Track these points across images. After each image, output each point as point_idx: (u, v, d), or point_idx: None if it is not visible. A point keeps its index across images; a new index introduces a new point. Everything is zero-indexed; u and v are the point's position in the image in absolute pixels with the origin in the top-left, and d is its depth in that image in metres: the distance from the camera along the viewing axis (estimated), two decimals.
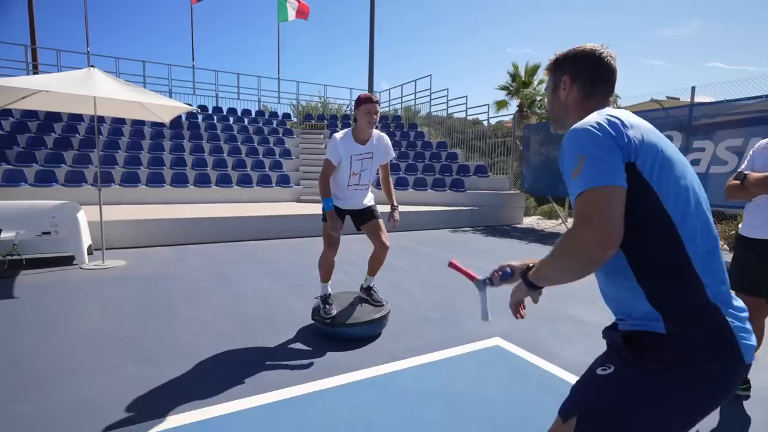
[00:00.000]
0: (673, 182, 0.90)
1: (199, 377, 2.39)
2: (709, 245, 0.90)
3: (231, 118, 13.56)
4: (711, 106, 7.75)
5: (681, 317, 0.87)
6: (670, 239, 0.88)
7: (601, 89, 1.08)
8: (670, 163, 0.91)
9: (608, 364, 0.94)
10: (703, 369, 0.85)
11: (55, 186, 8.19)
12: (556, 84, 1.14)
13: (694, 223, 0.89)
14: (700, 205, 0.92)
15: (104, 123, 10.79)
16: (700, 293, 0.87)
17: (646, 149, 0.90)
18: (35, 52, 14.53)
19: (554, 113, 1.18)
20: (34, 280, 4.34)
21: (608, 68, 1.08)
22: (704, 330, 0.86)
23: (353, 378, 2.41)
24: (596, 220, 0.83)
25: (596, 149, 0.88)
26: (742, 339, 0.86)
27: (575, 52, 1.10)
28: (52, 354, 2.63)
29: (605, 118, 0.92)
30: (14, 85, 4.02)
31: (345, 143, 2.90)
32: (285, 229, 7.31)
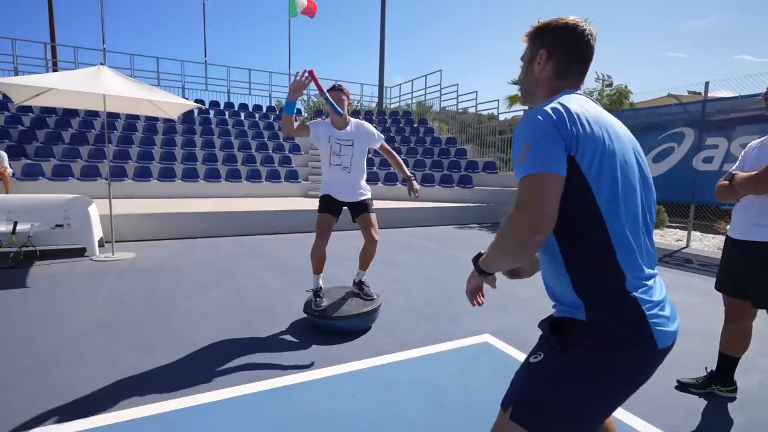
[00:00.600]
0: (611, 177, 0.92)
1: (192, 367, 2.48)
2: (638, 240, 0.95)
3: (242, 114, 13.75)
4: (726, 102, 7.55)
5: (601, 306, 0.92)
6: (597, 232, 0.92)
7: (574, 70, 1.05)
8: (612, 158, 0.93)
9: (539, 352, 1.00)
10: (620, 356, 0.90)
11: (71, 180, 8.45)
12: (532, 55, 1.09)
13: (625, 219, 0.93)
14: (634, 203, 0.95)
15: (119, 119, 11.05)
16: (620, 284, 0.92)
17: (588, 142, 0.91)
18: (54, 50, 14.94)
19: (526, 86, 1.14)
20: (46, 270, 4.52)
21: (586, 48, 1.04)
22: (621, 319, 0.91)
23: (340, 370, 2.47)
24: (530, 206, 0.87)
25: (540, 137, 0.90)
26: (656, 326, 0.90)
27: (557, 24, 1.05)
28: (56, 341, 2.76)
29: (555, 107, 0.94)
30: (25, 83, 4.18)
31: (324, 125, 3.11)
32: (292, 224, 7.41)
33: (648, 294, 0.93)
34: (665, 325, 0.92)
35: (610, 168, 0.92)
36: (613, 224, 0.91)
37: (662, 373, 2.48)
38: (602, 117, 0.97)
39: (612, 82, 17.70)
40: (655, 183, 5.01)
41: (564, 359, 0.93)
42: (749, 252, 2.03)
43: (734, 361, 2.23)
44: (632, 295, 0.91)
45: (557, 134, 0.90)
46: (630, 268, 0.92)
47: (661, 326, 0.91)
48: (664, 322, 0.92)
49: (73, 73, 4.90)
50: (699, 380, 2.33)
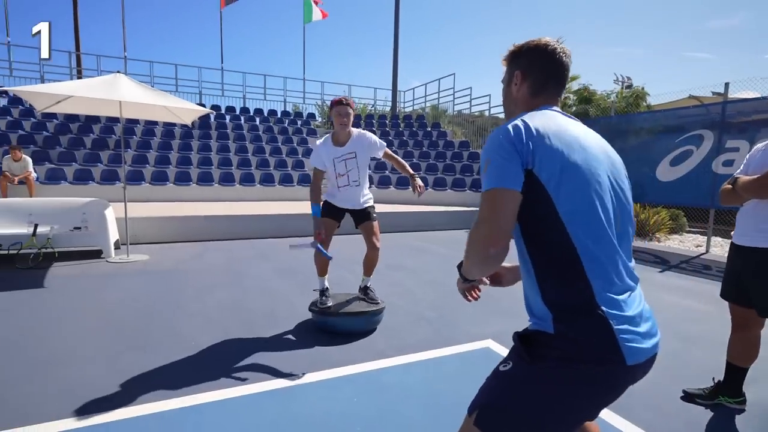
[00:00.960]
0: (572, 188, 0.91)
1: (193, 366, 2.53)
2: (606, 251, 0.92)
3: (257, 119, 13.98)
4: (748, 103, 7.31)
5: (568, 318, 0.91)
6: (561, 242, 0.91)
7: (549, 88, 1.09)
8: (575, 170, 0.92)
9: (509, 361, 0.99)
10: (586, 370, 0.88)
11: (92, 184, 8.73)
12: (509, 78, 1.14)
13: (591, 229, 0.91)
14: (601, 213, 0.93)
15: (138, 124, 11.38)
16: (587, 296, 0.90)
17: (547, 156, 0.92)
18: (79, 58, 15.51)
19: (506, 107, 1.19)
20: (63, 271, 4.68)
21: (559, 66, 1.08)
22: (587, 332, 0.89)
23: (338, 373, 2.48)
24: (486, 221, 0.90)
25: (498, 154, 0.94)
26: (625, 342, 0.88)
27: (529, 47, 1.10)
28: (66, 340, 2.85)
29: (515, 124, 0.96)
30: (46, 91, 4.35)
31: (325, 148, 3.06)
32: (302, 227, 7.48)
33: (618, 308, 0.90)
34: (637, 342, 0.89)
35: (572, 179, 0.92)
36: (577, 234, 0.90)
37: (668, 383, 2.44)
38: (567, 131, 0.98)
39: (632, 84, 17.37)
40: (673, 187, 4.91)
41: (531, 369, 0.93)
42: (752, 258, 1.96)
43: (742, 372, 2.16)
44: (600, 308, 0.89)
45: (514, 151, 0.92)
46: (597, 278, 0.90)
47: (632, 342, 0.88)
48: (636, 338, 0.89)
49: (91, 81, 5.07)
50: (706, 391, 2.25)
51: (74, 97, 4.95)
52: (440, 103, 16.74)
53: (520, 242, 1.00)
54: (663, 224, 8.31)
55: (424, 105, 17.31)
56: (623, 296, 0.92)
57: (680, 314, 3.71)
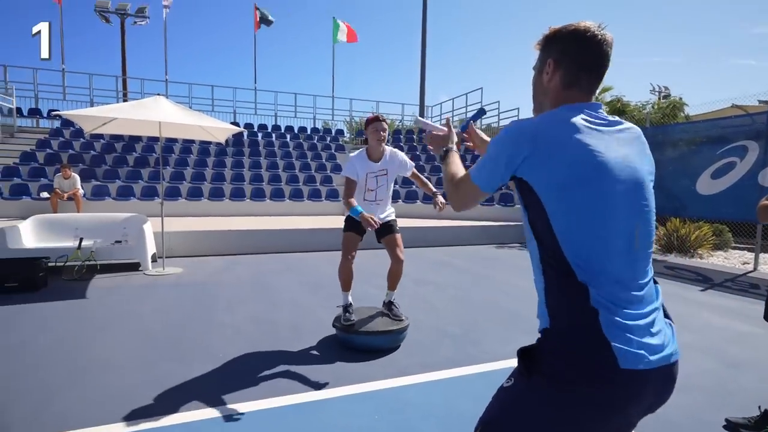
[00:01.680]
0: (573, 207, 0.88)
1: (220, 378, 2.59)
2: (609, 266, 0.89)
3: (288, 136, 14.40)
4: None
5: (562, 319, 0.89)
6: (556, 255, 0.91)
7: (582, 80, 0.99)
8: (580, 188, 0.88)
9: (511, 377, 0.97)
10: (581, 388, 0.84)
11: (133, 200, 9.21)
12: (541, 66, 1.05)
13: (589, 248, 0.88)
14: (601, 232, 0.89)
15: (176, 143, 11.96)
16: (582, 298, 0.87)
17: (548, 170, 0.89)
18: (125, 82, 16.57)
19: (536, 97, 1.09)
20: (104, 283, 4.93)
21: (597, 55, 0.98)
22: (578, 333, 0.86)
23: (360, 389, 2.48)
24: (456, 195, 1.11)
25: (492, 151, 0.99)
26: (617, 344, 0.83)
27: (565, 32, 1.00)
28: (104, 349, 3.00)
29: (526, 126, 0.94)
30: (91, 114, 4.68)
31: (360, 161, 3.08)
32: (329, 242, 7.57)
33: (619, 315, 0.85)
34: (637, 348, 0.84)
35: (575, 197, 0.88)
36: (572, 251, 0.88)
37: (709, 410, 2.29)
38: (586, 140, 0.90)
39: (669, 94, 16.78)
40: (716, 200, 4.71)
41: (528, 385, 0.90)
42: None
43: None
44: (595, 310, 0.85)
45: (505, 154, 0.95)
46: (593, 285, 0.87)
47: (629, 347, 0.83)
48: (636, 345, 0.84)
49: (133, 104, 5.42)
50: (752, 420, 2.10)
51: (118, 119, 5.30)
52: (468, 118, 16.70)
53: (529, 240, 0.99)
54: (706, 240, 7.86)
55: (452, 119, 17.31)
56: (626, 308, 0.87)
57: (724, 336, 3.49)
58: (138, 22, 18.21)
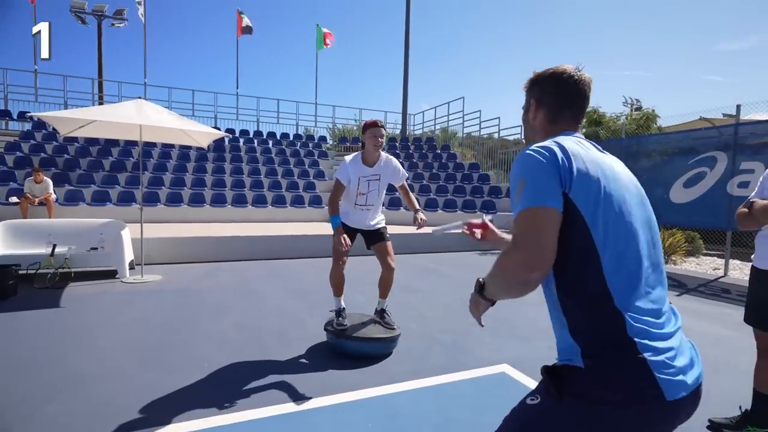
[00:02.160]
0: (609, 216, 0.89)
1: (207, 388, 2.52)
2: (641, 283, 0.89)
3: (270, 141, 14.27)
4: (762, 125, 7.27)
5: (598, 352, 0.86)
6: (593, 275, 0.88)
7: (565, 115, 1.08)
8: (610, 197, 0.90)
9: (536, 395, 0.95)
10: (618, 409, 0.83)
11: (109, 205, 8.92)
12: (527, 105, 1.16)
13: (624, 263, 0.88)
14: (635, 241, 0.90)
15: (155, 147, 11.68)
16: (619, 328, 0.86)
17: (584, 180, 0.89)
18: (102, 85, 16.11)
19: (526, 134, 1.20)
20: (79, 291, 4.74)
21: (574, 93, 1.07)
22: (618, 366, 0.84)
23: (351, 397, 2.45)
24: (525, 242, 0.86)
25: (534, 172, 0.91)
26: (662, 375, 0.83)
27: (544, 75, 1.10)
28: (84, 360, 2.87)
29: (548, 145, 0.94)
30: (70, 116, 4.53)
31: (354, 165, 3.07)
32: (313, 248, 7.51)
33: (653, 339, 0.85)
34: (675, 374, 0.84)
35: (609, 207, 0.89)
36: (610, 267, 0.87)
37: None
38: (599, 157, 0.97)
39: (641, 106, 17.42)
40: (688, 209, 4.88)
41: (560, 407, 0.87)
42: None
43: None
44: (633, 340, 0.84)
45: (553, 169, 0.90)
46: (629, 311, 0.86)
47: (670, 375, 0.83)
48: (674, 371, 0.84)
49: (113, 107, 5.27)
50: (733, 420, 2.17)
51: (96, 121, 5.15)
52: (450, 125, 16.95)
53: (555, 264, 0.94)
54: (679, 246, 8.16)
55: (434, 128, 17.53)
56: (658, 329, 0.87)
57: (700, 339, 3.60)
58: (116, 24, 17.80)
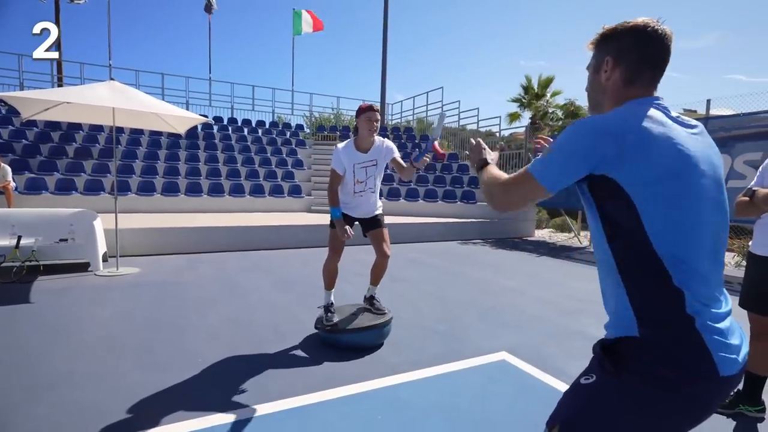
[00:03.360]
0: (668, 203, 0.86)
1: (203, 385, 2.41)
2: (700, 265, 0.88)
3: (245, 129, 13.82)
4: (728, 119, 7.62)
5: (655, 324, 0.87)
6: (648, 258, 0.87)
7: (644, 75, 0.98)
8: (673, 182, 0.86)
9: (591, 374, 0.94)
10: (676, 385, 0.84)
11: (75, 194, 8.42)
12: (598, 64, 1.04)
13: (684, 247, 0.87)
14: (694, 231, 0.88)
15: (123, 133, 11.09)
16: (677, 304, 0.86)
17: (640, 163, 0.85)
18: (61, 65, 15.09)
19: (593, 96, 1.08)
20: (50, 285, 4.46)
21: (658, 50, 0.97)
22: (676, 342, 0.85)
23: (354, 390, 2.41)
24: (505, 195, 1.02)
25: (560, 148, 0.92)
26: (718, 352, 0.84)
27: (623, 28, 0.98)
28: (65, 358, 2.69)
29: (602, 122, 0.90)
30: (38, 97, 4.19)
31: (347, 152, 2.96)
32: (295, 239, 7.37)
33: (709, 318, 0.86)
34: (728, 352, 0.85)
35: (668, 192, 0.85)
36: (666, 251, 0.86)
37: None
38: (670, 132, 0.88)
39: None
40: None
41: (618, 383, 0.88)
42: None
43: (762, 380, 2.18)
44: (689, 316, 0.85)
45: (584, 150, 0.88)
46: (689, 289, 0.86)
47: (724, 352, 0.84)
48: (727, 349, 0.85)
49: (83, 88, 4.92)
50: (726, 400, 2.27)
51: (64, 104, 4.80)
52: (428, 116, 16.93)
53: (600, 239, 0.95)
54: None
55: (412, 117, 17.48)
56: (714, 309, 0.88)
57: None
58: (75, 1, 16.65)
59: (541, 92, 16.49)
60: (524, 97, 16.92)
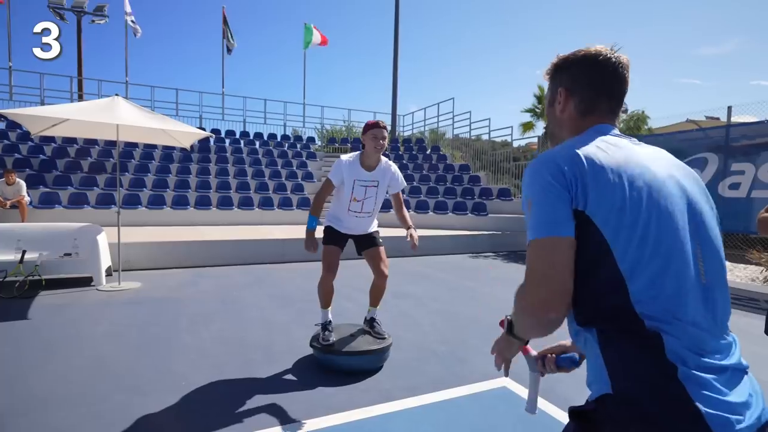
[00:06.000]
0: (637, 234, 0.74)
1: (184, 411, 2.29)
2: (686, 311, 0.73)
3: (257, 143, 13.96)
4: (751, 127, 7.29)
5: (630, 382, 0.72)
6: (618, 293, 0.74)
7: (601, 106, 0.92)
8: (638, 208, 0.75)
9: None
10: None
11: (87, 208, 8.54)
12: (552, 96, 0.99)
13: (663, 288, 0.73)
14: (680, 258, 0.75)
15: (137, 148, 11.30)
16: (656, 349, 0.71)
17: (605, 193, 0.76)
18: (81, 83, 15.59)
19: (550, 129, 1.02)
20: (50, 301, 4.44)
21: (613, 79, 0.91)
22: (658, 398, 0.69)
23: (343, 419, 2.24)
24: (541, 281, 0.76)
25: (542, 194, 0.79)
26: (709, 409, 0.67)
27: (575, 57, 0.93)
28: (47, 379, 2.61)
29: (562, 154, 0.81)
30: (41, 114, 4.23)
31: (351, 166, 2.84)
32: (301, 253, 7.25)
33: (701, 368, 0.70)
34: (728, 411, 0.68)
35: (635, 220, 0.74)
36: (638, 289, 0.73)
37: None
38: (630, 159, 0.80)
39: (627, 109, 17.63)
40: None
41: None
42: None
43: None
44: (672, 364, 0.70)
45: (560, 188, 0.78)
46: (668, 332, 0.71)
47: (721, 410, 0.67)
48: (726, 407, 0.68)
49: (87, 104, 4.97)
50: None
51: (69, 120, 4.85)
52: (439, 126, 16.84)
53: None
54: None
55: (424, 129, 17.40)
56: (707, 357, 0.72)
57: None
58: (96, 21, 17.26)
59: None
60: (538, 107, 16.70)
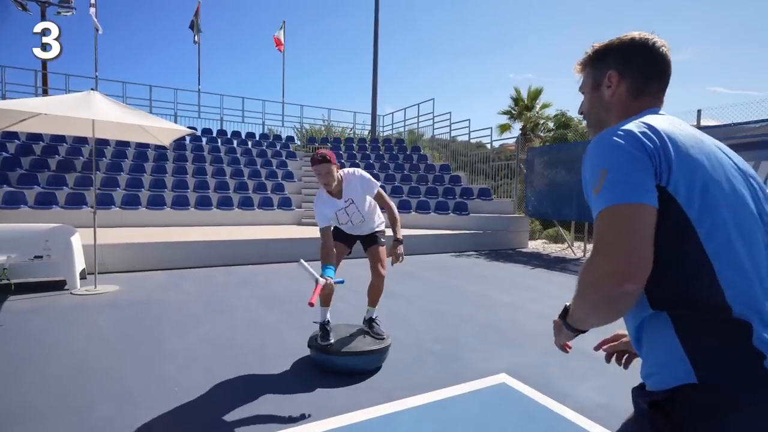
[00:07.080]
0: (721, 213, 0.74)
1: (178, 418, 2.20)
2: (760, 286, 0.74)
3: (235, 141, 13.64)
4: (717, 130, 7.66)
5: (716, 365, 0.71)
6: (700, 279, 0.73)
7: (652, 87, 0.92)
8: (719, 188, 0.75)
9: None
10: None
11: (56, 208, 8.13)
12: (597, 80, 0.98)
13: (744, 264, 0.73)
14: (756, 239, 0.75)
15: (108, 146, 10.85)
16: (743, 337, 0.70)
17: (685, 169, 0.74)
18: (46, 77, 14.83)
19: (594, 115, 1.00)
20: (21, 306, 4.19)
21: (663, 61, 0.92)
22: (748, 388, 0.68)
23: (346, 421, 2.21)
24: (613, 248, 0.70)
25: (620, 161, 0.75)
26: None
27: (623, 42, 0.94)
28: (24, 390, 2.45)
29: (638, 125, 0.79)
30: (12, 107, 3.99)
31: (326, 204, 2.83)
32: (285, 253, 7.15)
33: None
34: None
35: (718, 201, 0.74)
36: (723, 267, 0.72)
37: None
38: (702, 139, 0.80)
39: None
40: None
41: None
42: None
43: None
44: (758, 350, 0.69)
45: (644, 157, 0.74)
46: (754, 319, 0.71)
47: None
48: None
49: (61, 98, 4.73)
50: None
51: (41, 115, 4.59)
52: (420, 127, 16.93)
53: None
54: None
55: (404, 129, 17.45)
56: None
57: None
58: (62, 13, 16.46)
59: (531, 104, 16.65)
60: (514, 108, 17.07)
